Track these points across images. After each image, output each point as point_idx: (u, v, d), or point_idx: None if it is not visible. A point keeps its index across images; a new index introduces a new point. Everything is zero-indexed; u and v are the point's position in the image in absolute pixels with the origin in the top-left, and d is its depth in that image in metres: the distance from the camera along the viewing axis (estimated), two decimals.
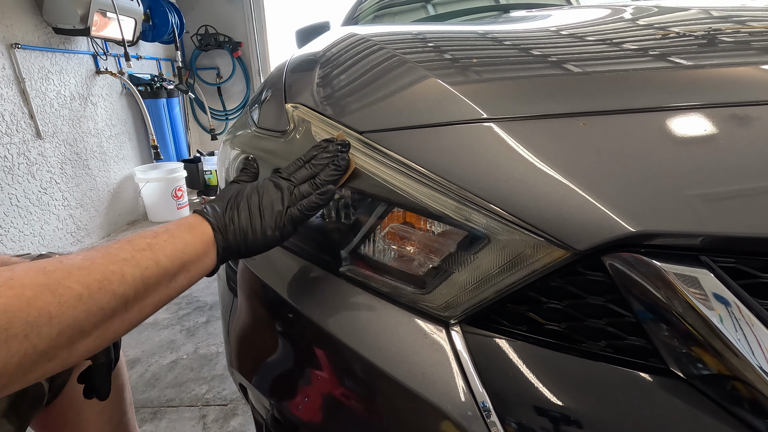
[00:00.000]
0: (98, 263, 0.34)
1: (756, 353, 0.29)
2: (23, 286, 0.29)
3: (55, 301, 0.30)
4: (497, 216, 0.37)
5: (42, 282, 0.30)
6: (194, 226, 0.41)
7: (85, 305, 0.31)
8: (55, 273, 0.31)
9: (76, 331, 0.32)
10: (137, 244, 0.37)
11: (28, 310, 0.29)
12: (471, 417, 0.35)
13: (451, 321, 0.40)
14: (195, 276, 0.41)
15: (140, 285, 0.35)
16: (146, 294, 0.36)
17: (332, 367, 0.45)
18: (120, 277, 0.34)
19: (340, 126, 0.48)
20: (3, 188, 2.06)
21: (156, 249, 0.37)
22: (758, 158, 0.34)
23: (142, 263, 0.36)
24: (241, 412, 1.26)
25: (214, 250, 0.41)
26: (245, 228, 0.42)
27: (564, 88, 0.45)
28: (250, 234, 0.42)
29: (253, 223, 0.42)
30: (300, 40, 1.87)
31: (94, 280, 0.32)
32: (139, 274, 0.35)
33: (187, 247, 0.39)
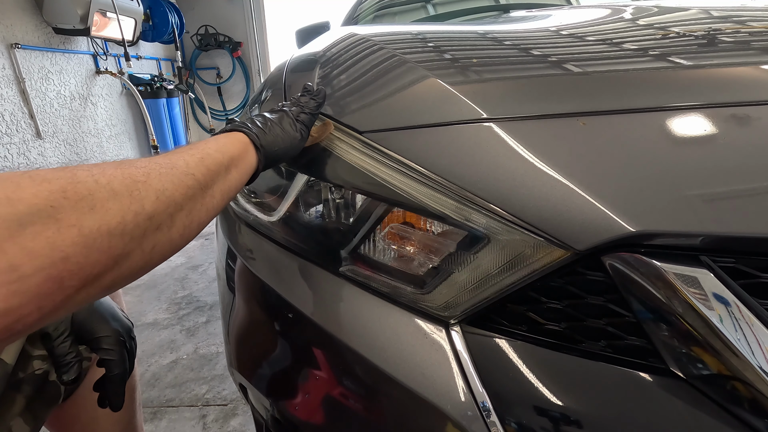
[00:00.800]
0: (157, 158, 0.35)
1: (756, 353, 0.29)
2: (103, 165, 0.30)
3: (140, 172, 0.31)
4: (497, 216, 0.37)
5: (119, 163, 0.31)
6: (227, 134, 0.44)
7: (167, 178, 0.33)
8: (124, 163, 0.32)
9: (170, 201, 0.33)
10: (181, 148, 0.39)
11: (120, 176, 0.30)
12: (471, 417, 0.35)
13: (451, 321, 0.40)
14: (244, 171, 0.43)
15: (203, 170, 0.37)
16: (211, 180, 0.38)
17: (332, 367, 0.45)
18: (183, 163, 0.36)
19: (340, 126, 0.48)
20: None
21: (201, 147, 0.39)
22: (758, 158, 0.34)
23: (197, 154, 0.38)
24: (241, 412, 1.26)
25: (253, 149, 0.44)
26: (271, 128, 0.46)
27: (564, 88, 0.45)
28: (278, 132, 0.46)
29: (273, 126, 0.46)
30: (300, 40, 1.87)
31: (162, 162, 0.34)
32: (198, 161, 0.37)
33: (228, 145, 0.42)
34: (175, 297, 1.95)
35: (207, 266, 2.25)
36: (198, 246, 2.55)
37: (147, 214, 0.31)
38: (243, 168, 0.43)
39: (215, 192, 0.38)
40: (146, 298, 1.96)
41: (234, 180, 0.41)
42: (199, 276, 2.14)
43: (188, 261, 2.33)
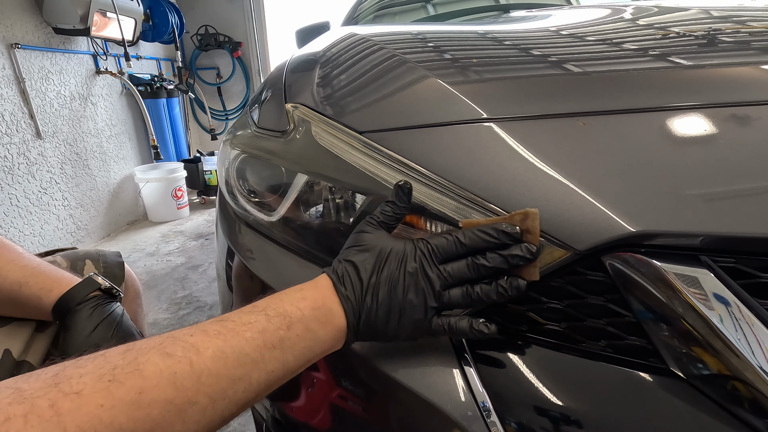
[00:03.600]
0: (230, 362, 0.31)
1: (756, 353, 0.29)
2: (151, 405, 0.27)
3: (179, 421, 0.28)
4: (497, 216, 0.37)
5: (171, 398, 0.28)
6: (329, 317, 0.36)
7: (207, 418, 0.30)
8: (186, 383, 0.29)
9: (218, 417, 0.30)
10: (270, 337, 0.33)
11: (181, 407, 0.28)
12: (471, 417, 0.35)
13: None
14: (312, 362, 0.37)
15: (263, 389, 0.33)
16: (265, 392, 0.34)
17: (332, 367, 0.45)
18: (246, 385, 0.31)
19: (340, 126, 0.48)
20: (3, 188, 2.06)
21: (286, 348, 0.34)
22: (758, 158, 0.34)
23: (270, 366, 0.33)
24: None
25: (342, 343, 0.37)
26: (380, 328, 0.37)
27: (564, 88, 0.45)
28: (381, 333, 0.37)
29: (388, 325, 0.37)
30: (300, 40, 1.87)
31: (220, 389, 0.30)
32: (264, 379, 0.33)
33: (317, 344, 0.35)
34: (175, 297, 1.95)
35: (207, 266, 2.24)
36: (198, 246, 2.55)
37: None
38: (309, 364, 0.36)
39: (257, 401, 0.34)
40: (146, 298, 1.95)
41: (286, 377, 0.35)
42: (199, 276, 2.13)
43: (188, 261, 2.33)
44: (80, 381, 0.26)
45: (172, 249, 2.53)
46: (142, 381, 0.27)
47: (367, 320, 0.36)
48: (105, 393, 0.26)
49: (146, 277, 2.15)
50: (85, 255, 0.78)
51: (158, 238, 2.73)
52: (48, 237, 2.33)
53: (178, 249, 2.52)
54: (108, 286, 0.62)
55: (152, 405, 0.27)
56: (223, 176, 0.67)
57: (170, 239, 2.70)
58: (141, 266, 2.29)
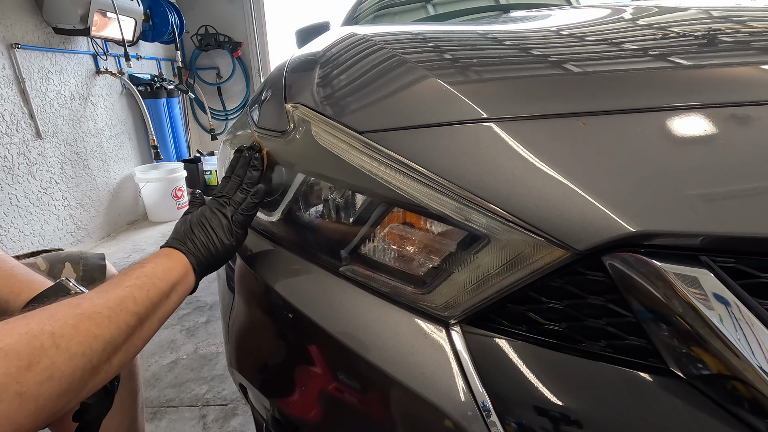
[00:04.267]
0: (112, 292, 0.41)
1: (756, 353, 0.29)
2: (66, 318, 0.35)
3: (93, 324, 0.37)
4: (497, 216, 0.37)
5: (78, 313, 0.37)
6: (169, 254, 0.49)
7: (115, 324, 0.39)
8: (83, 304, 0.38)
9: (112, 346, 0.38)
10: (134, 274, 0.44)
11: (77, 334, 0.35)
12: (471, 417, 0.35)
13: (451, 321, 0.40)
14: (183, 293, 0.49)
15: (148, 304, 0.43)
16: (153, 312, 0.44)
17: (332, 367, 0.45)
18: (132, 300, 0.41)
19: (340, 126, 0.48)
20: (3, 188, 2.06)
21: (150, 275, 0.45)
22: (758, 158, 0.34)
23: (144, 287, 0.43)
24: (241, 412, 1.26)
25: (191, 269, 0.50)
26: (206, 244, 0.51)
27: (564, 88, 0.45)
28: (212, 248, 0.51)
29: (210, 239, 0.51)
30: (300, 40, 1.87)
31: (114, 304, 0.40)
32: (145, 295, 0.43)
33: (172, 270, 0.47)
34: None
35: None
36: None
37: (92, 366, 0.36)
38: (182, 290, 0.48)
39: (153, 322, 0.44)
40: None
41: (172, 304, 0.47)
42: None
43: None
44: None
45: None
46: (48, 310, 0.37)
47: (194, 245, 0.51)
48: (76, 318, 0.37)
49: None
50: (66, 257, 0.77)
51: (158, 238, 2.73)
52: (48, 237, 2.33)
53: None
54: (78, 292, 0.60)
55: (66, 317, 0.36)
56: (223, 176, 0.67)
57: None
58: None
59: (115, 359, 0.39)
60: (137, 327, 0.41)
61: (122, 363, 0.40)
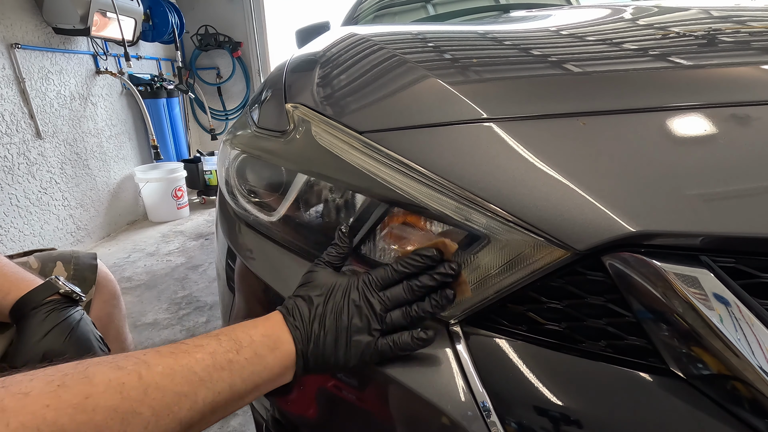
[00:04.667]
0: (177, 378, 0.32)
1: (756, 353, 0.29)
2: (95, 411, 0.28)
3: (122, 430, 0.29)
4: (497, 216, 0.37)
5: (116, 406, 0.29)
6: (278, 344, 0.38)
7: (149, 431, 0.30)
8: (132, 393, 0.30)
9: None
10: (219, 358, 0.35)
11: None
12: (471, 417, 0.35)
13: (451, 321, 0.40)
14: (263, 392, 0.38)
15: (208, 410, 0.34)
16: (211, 416, 0.35)
17: None
18: (191, 403, 0.32)
19: (340, 126, 0.48)
20: (3, 188, 2.06)
21: (235, 370, 0.35)
22: (758, 158, 0.34)
23: (217, 386, 0.34)
24: (241, 412, 1.26)
25: (292, 372, 0.39)
26: (328, 353, 0.39)
27: (564, 88, 0.45)
28: (332, 361, 0.39)
29: (337, 349, 0.39)
30: (300, 40, 1.87)
31: (165, 404, 0.31)
32: (211, 399, 0.33)
33: (266, 370, 0.37)
34: (175, 297, 1.95)
35: (207, 266, 2.25)
36: (198, 246, 2.55)
37: None
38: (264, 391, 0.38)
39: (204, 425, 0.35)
40: (146, 298, 1.96)
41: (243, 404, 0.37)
42: (199, 276, 2.14)
43: (188, 261, 2.33)
44: (29, 384, 0.27)
45: (172, 249, 2.53)
46: (90, 387, 0.28)
47: (315, 347, 0.39)
48: (52, 395, 0.27)
49: (146, 277, 2.15)
50: (58, 256, 0.78)
51: (158, 238, 2.73)
52: (48, 237, 2.33)
53: (178, 249, 2.52)
54: (68, 291, 0.61)
55: (96, 410, 0.28)
56: (223, 176, 0.67)
57: (170, 239, 2.70)
58: (141, 266, 2.30)
59: None
60: None
61: None
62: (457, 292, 0.39)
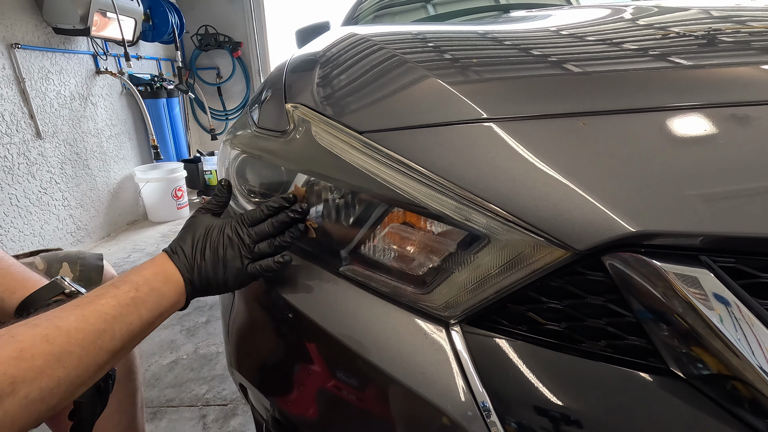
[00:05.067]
0: (91, 323, 0.38)
1: (756, 353, 0.29)
2: (33, 358, 0.34)
3: (61, 366, 0.35)
4: (497, 216, 0.37)
5: (48, 351, 0.35)
6: (168, 276, 0.46)
7: (84, 364, 0.37)
8: (57, 339, 0.36)
9: (77, 385, 0.37)
10: (122, 298, 0.41)
11: (40, 378, 0.34)
12: (471, 417, 0.35)
13: (451, 321, 0.40)
14: (166, 317, 0.46)
15: (126, 338, 0.41)
16: (130, 344, 0.42)
17: (332, 367, 0.45)
18: (110, 335, 0.39)
19: (340, 126, 0.48)
20: (3, 188, 2.06)
21: (139, 303, 0.42)
22: (758, 158, 0.34)
23: (128, 318, 0.41)
24: (241, 412, 1.26)
25: (184, 296, 0.47)
26: (210, 277, 0.47)
27: (564, 88, 0.45)
28: (213, 283, 0.48)
29: (216, 274, 0.47)
30: (300, 40, 1.87)
31: (89, 341, 0.37)
32: (126, 329, 0.40)
33: (164, 298, 0.45)
34: None
35: None
36: None
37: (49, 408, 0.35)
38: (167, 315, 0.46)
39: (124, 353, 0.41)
40: None
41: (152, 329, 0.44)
42: None
43: None
44: None
45: None
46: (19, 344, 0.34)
47: (199, 274, 0.47)
48: None
49: None
50: (65, 257, 0.77)
51: (158, 238, 2.73)
52: (48, 237, 2.33)
53: None
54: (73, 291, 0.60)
55: (35, 357, 0.34)
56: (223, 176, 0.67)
57: (170, 239, 2.68)
58: None
59: (78, 391, 0.38)
60: (110, 362, 0.39)
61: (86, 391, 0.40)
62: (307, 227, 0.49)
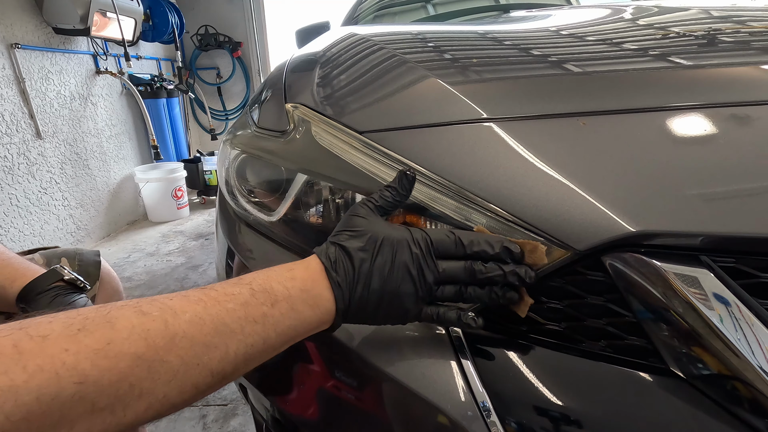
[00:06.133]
0: (207, 329, 0.30)
1: (756, 353, 0.29)
2: (119, 357, 0.26)
3: (149, 378, 0.27)
4: (497, 216, 0.37)
5: (141, 353, 0.27)
6: (318, 301, 0.35)
7: (178, 381, 0.28)
8: (158, 341, 0.28)
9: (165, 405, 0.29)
10: (252, 312, 0.32)
11: (119, 384, 0.26)
12: (471, 417, 0.35)
13: None
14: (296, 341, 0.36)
15: (241, 361, 0.31)
16: (245, 367, 0.32)
17: (332, 367, 0.45)
18: (223, 354, 0.30)
19: (340, 126, 0.48)
20: (3, 188, 2.06)
21: (269, 324, 0.32)
22: (758, 158, 0.34)
23: (250, 339, 0.31)
24: (241, 412, 1.26)
25: (327, 326, 0.37)
26: (369, 315, 0.37)
27: (564, 88, 0.45)
28: (370, 320, 0.37)
29: (377, 313, 0.36)
30: (300, 40, 1.87)
31: (194, 354, 0.29)
32: (243, 351, 0.31)
33: (302, 325, 0.34)
34: None
35: (207, 266, 2.24)
36: (198, 246, 2.55)
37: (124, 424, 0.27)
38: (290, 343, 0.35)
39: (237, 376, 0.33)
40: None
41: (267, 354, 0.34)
42: (199, 276, 2.13)
43: (188, 261, 2.33)
44: (48, 327, 0.26)
45: (172, 249, 2.53)
46: (112, 332, 0.26)
47: (357, 308, 0.36)
48: (72, 339, 0.25)
49: (146, 277, 2.15)
50: (63, 253, 0.79)
51: (158, 238, 2.73)
52: (48, 237, 2.33)
53: (178, 249, 2.52)
54: (72, 278, 0.61)
55: (120, 357, 0.26)
56: (223, 176, 0.67)
57: (170, 239, 2.70)
58: (141, 266, 2.29)
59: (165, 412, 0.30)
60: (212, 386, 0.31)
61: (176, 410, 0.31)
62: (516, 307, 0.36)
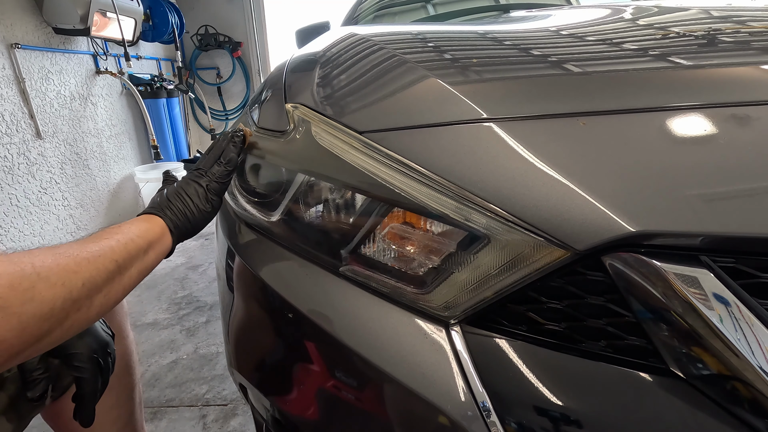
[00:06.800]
0: (89, 243, 0.42)
1: (756, 353, 0.29)
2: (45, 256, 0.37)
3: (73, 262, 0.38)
4: (497, 216, 0.37)
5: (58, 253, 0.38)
6: (147, 218, 0.51)
7: (94, 266, 0.40)
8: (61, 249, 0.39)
9: (92, 284, 0.40)
10: (110, 232, 0.46)
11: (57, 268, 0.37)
12: (471, 417, 0.35)
13: (451, 321, 0.40)
14: (160, 253, 0.51)
15: (125, 255, 0.45)
16: (131, 262, 0.46)
17: (332, 367, 0.45)
18: (110, 249, 0.43)
19: (340, 126, 0.48)
20: (3, 188, 2.06)
21: (126, 233, 0.47)
22: (758, 158, 0.34)
23: (122, 240, 0.45)
24: (241, 412, 1.26)
25: (168, 231, 0.52)
26: (183, 210, 0.53)
27: (564, 88, 0.45)
28: (189, 213, 0.54)
29: (187, 206, 0.54)
30: (300, 40, 1.87)
31: (92, 250, 0.41)
32: (123, 247, 0.45)
33: (149, 230, 0.49)
34: (175, 297, 1.95)
35: (207, 266, 2.25)
36: (198, 246, 2.55)
37: (73, 299, 0.38)
38: (159, 249, 0.51)
39: (133, 272, 0.46)
40: (146, 298, 1.96)
41: (150, 260, 0.49)
42: (199, 276, 2.14)
43: (188, 261, 2.33)
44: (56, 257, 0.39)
45: None
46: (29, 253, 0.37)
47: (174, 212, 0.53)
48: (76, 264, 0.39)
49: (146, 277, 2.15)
50: None
51: None
52: (48, 237, 2.33)
53: (178, 249, 2.52)
54: None
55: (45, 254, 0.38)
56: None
57: None
58: None
59: (96, 299, 0.41)
60: (116, 273, 0.43)
61: (103, 306, 0.42)
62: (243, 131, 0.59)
